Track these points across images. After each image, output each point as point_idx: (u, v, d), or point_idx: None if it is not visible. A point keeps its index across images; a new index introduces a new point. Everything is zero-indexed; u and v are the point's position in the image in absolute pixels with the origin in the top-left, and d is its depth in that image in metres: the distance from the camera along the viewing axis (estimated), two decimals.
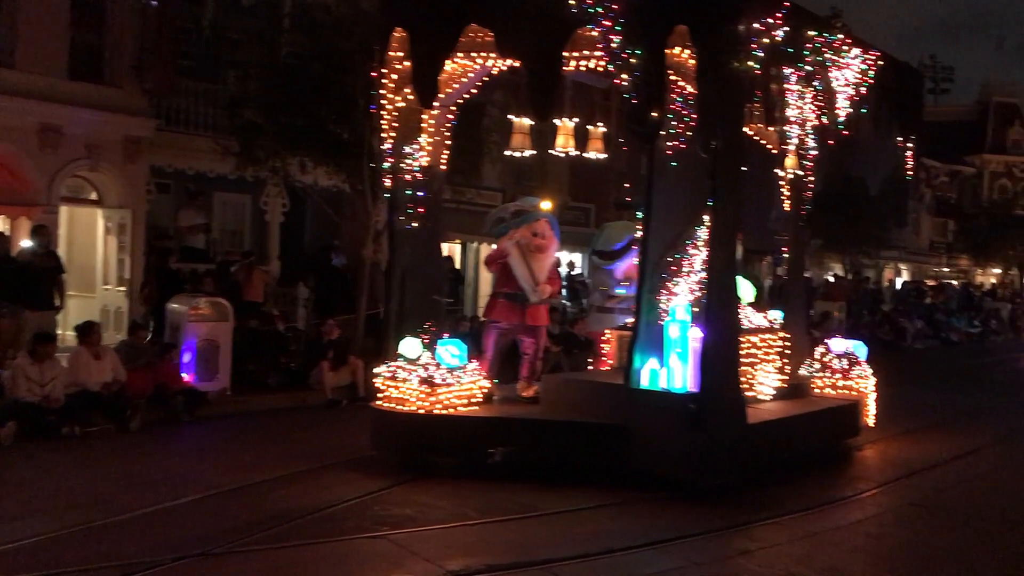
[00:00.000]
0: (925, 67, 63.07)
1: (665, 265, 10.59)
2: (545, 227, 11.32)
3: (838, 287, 36.05)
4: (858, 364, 13.11)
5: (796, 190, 13.02)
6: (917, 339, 33.91)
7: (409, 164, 11.23)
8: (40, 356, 12.11)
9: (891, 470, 11.72)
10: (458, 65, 11.27)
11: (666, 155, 10.40)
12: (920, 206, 53.02)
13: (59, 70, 17.77)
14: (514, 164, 27.36)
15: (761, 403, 11.66)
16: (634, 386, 10.27)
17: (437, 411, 10.38)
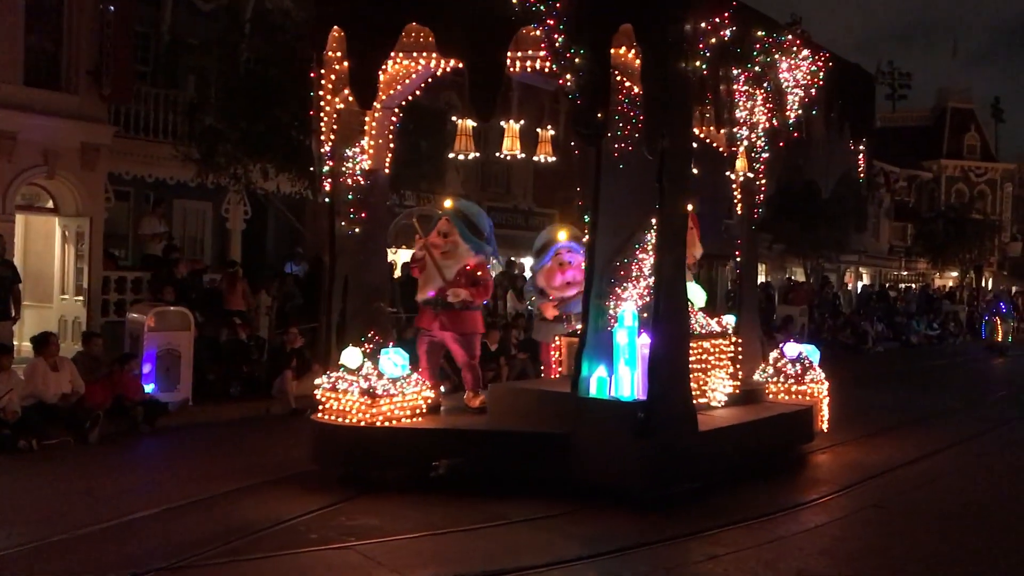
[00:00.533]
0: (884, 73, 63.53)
1: (613, 270, 10.26)
2: (446, 225, 10.90)
3: (800, 291, 36.05)
4: (812, 369, 12.85)
5: (747, 193, 12.77)
6: (878, 342, 33.93)
7: (350, 168, 10.87)
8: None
9: (846, 475, 11.52)
10: (401, 66, 10.94)
11: (613, 157, 10.10)
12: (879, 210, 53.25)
13: (14, 76, 17.28)
14: (479, 171, 27.41)
15: (714, 410, 11.40)
16: (582, 395, 9.96)
17: (379, 423, 10.00)
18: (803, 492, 10.69)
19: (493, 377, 17.22)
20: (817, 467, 12.06)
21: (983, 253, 52.34)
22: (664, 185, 9.75)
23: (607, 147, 10.09)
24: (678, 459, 9.83)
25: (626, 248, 10.33)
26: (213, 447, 12.45)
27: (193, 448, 12.50)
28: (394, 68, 10.97)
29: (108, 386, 13.21)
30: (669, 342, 9.82)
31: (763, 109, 11.53)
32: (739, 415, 11.46)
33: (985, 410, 18.18)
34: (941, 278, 56.24)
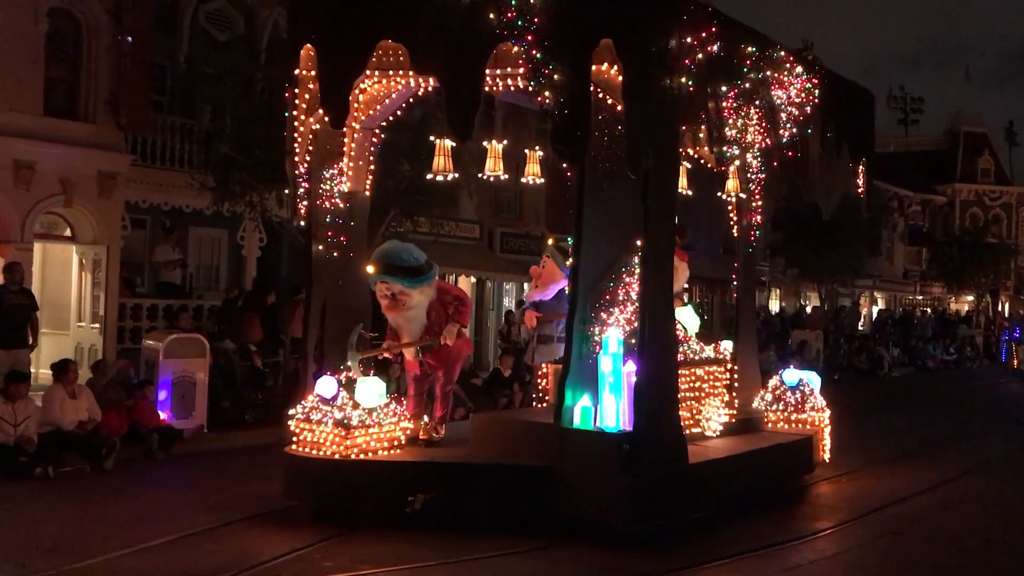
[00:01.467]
0: (895, 98, 63.13)
1: (598, 294, 9.77)
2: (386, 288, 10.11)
3: (815, 316, 35.63)
4: (812, 396, 12.30)
5: (743, 215, 12.28)
6: (894, 367, 33.35)
7: (328, 190, 10.44)
8: (13, 396, 11.86)
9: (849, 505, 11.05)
10: (380, 86, 10.55)
11: (597, 177, 9.66)
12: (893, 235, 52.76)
13: (34, 107, 17.57)
14: (491, 196, 27.20)
15: (708, 439, 10.90)
16: (565, 425, 9.46)
17: (354, 456, 9.52)
18: (809, 522, 10.33)
19: (507, 403, 16.87)
20: (819, 498, 11.54)
21: (999, 277, 51.67)
22: (649, 206, 9.29)
23: (590, 167, 9.64)
24: (667, 492, 9.33)
25: (611, 271, 9.85)
26: (227, 475, 12.29)
27: (207, 475, 12.34)
28: (373, 88, 10.59)
29: (124, 413, 13.26)
30: (656, 370, 9.33)
31: (756, 127, 11.03)
32: (735, 445, 10.95)
33: (1002, 436, 17.59)
34: (957, 302, 55.54)
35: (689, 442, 10.40)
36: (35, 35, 17.49)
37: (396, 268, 10.09)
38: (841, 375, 29.30)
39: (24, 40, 17.29)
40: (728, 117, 10.36)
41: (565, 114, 8.88)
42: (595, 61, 9.39)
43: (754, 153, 11.73)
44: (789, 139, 11.35)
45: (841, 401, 22.64)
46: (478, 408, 16.29)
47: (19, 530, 9.25)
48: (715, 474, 10.10)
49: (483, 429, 10.18)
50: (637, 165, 9.14)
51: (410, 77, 10.13)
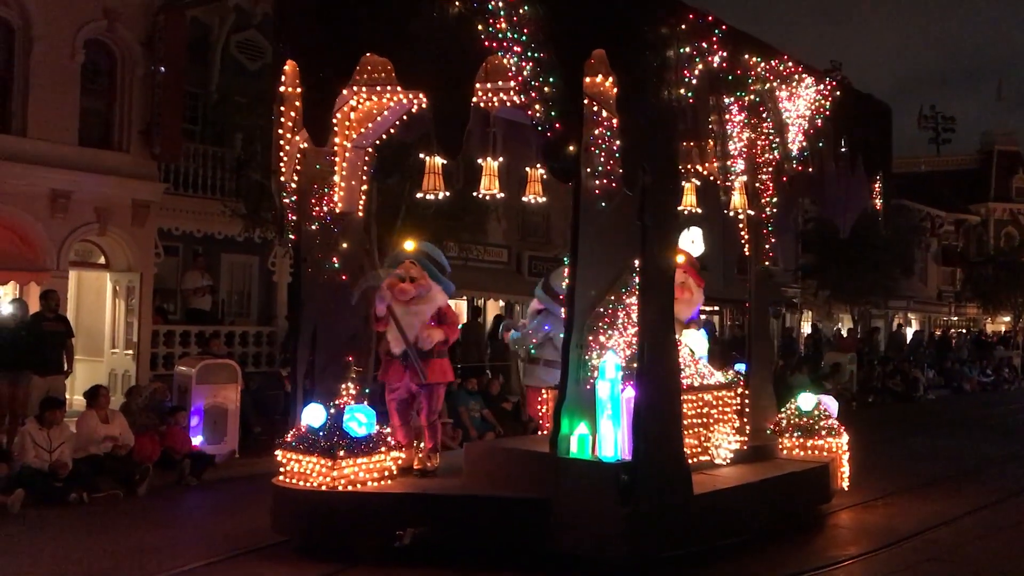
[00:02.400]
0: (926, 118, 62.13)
1: (596, 317, 9.27)
2: (416, 269, 9.89)
3: (848, 338, 34.93)
4: (828, 421, 11.70)
5: (755, 232, 11.73)
6: (929, 389, 32.50)
7: (318, 210, 10.02)
8: (48, 422, 11.96)
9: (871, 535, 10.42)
10: (372, 103, 10.16)
11: (593, 195, 9.19)
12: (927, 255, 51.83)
13: (69, 137, 18.00)
14: (520, 220, 26.93)
15: (718, 468, 10.34)
16: (561, 455, 8.94)
17: (341, 488, 9.05)
18: (829, 551, 9.75)
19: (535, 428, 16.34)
20: (838, 527, 10.90)
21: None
22: (647, 224, 8.79)
23: (586, 183, 9.18)
24: (669, 525, 8.81)
25: (610, 293, 9.34)
26: (257, 500, 11.67)
27: (238, 501, 12.11)
28: (364, 105, 10.21)
29: (157, 439, 13.24)
30: (656, 396, 8.82)
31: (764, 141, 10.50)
32: (745, 474, 10.37)
33: None
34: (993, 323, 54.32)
35: (697, 471, 9.92)
36: (71, 66, 17.95)
37: (428, 256, 10.07)
38: (876, 397, 28.51)
39: (61, 71, 17.77)
40: (732, 130, 9.83)
41: (556, 128, 8.42)
42: (589, 73, 8.96)
43: (764, 168, 11.19)
44: (799, 153, 10.79)
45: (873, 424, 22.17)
46: (508, 432, 15.86)
47: (57, 554, 9.27)
48: (723, 505, 9.55)
49: (477, 459, 9.67)
50: (633, 181, 8.66)
51: (401, 94, 9.73)
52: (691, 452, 10.11)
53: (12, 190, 17.23)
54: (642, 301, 8.88)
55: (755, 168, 11.15)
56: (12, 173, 17.12)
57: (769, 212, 11.70)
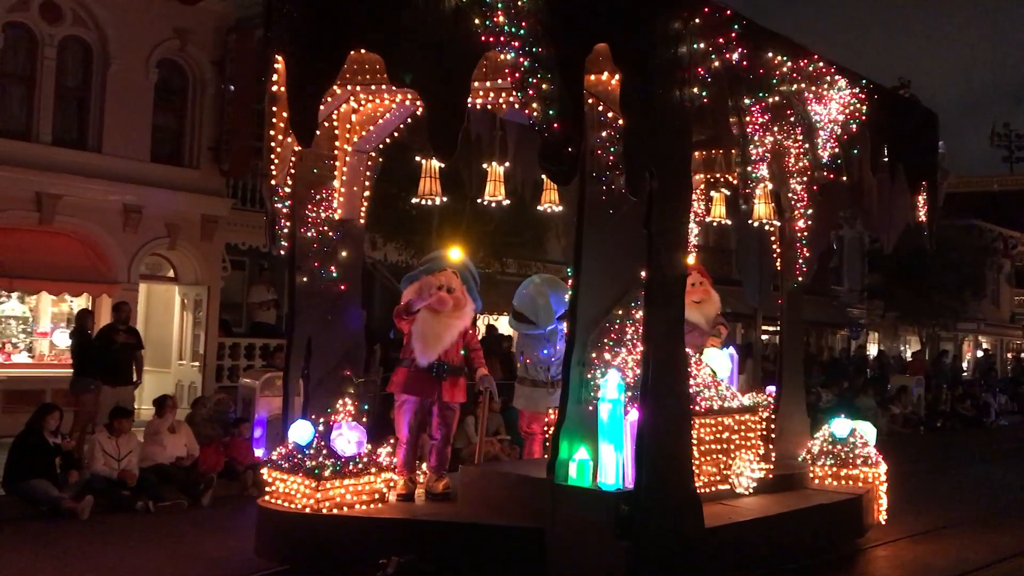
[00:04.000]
0: (999, 135, 60.13)
1: (601, 333, 8.52)
2: (456, 280, 9.26)
3: (916, 361, 33.72)
4: (865, 449, 10.78)
5: (787, 245, 10.86)
6: (1001, 415, 31.03)
7: (315, 216, 9.42)
8: (117, 431, 12.17)
9: None
10: (374, 105, 9.56)
11: (600, 201, 8.46)
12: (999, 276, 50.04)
13: (142, 153, 18.77)
14: None
15: (739, 498, 9.50)
16: (559, 481, 8.19)
17: (325, 510, 8.39)
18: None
19: None
20: (868, 565, 9.96)
21: None
22: (653, 233, 8.02)
23: (592, 190, 8.45)
24: (675, 560, 7.98)
25: (616, 307, 8.60)
26: None
27: None
28: (365, 107, 9.61)
29: (221, 450, 13.36)
30: (662, 419, 8.03)
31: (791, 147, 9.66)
32: (769, 505, 9.51)
33: None
34: None
35: (715, 501, 9.17)
36: (145, 85, 18.74)
37: (470, 273, 9.57)
38: (944, 422, 27.27)
39: (135, 90, 18.56)
40: (753, 134, 9.00)
41: (555, 128, 7.68)
42: (593, 70, 8.26)
43: (795, 177, 10.35)
44: (830, 160, 9.92)
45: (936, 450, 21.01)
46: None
47: (124, 562, 9.29)
48: (740, 539, 8.73)
49: (472, 484, 8.96)
50: (638, 186, 7.91)
51: (408, 95, 9.11)
52: (709, 480, 9.32)
53: (87, 205, 17.92)
54: (647, 315, 8.11)
55: (784, 176, 10.29)
56: (87, 188, 17.82)
57: (803, 224, 10.82)
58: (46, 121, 18.03)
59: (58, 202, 17.87)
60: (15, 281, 17.57)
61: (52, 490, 11.23)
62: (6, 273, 17.19)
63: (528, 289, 10.05)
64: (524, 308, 9.86)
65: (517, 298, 10.12)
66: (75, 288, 18.10)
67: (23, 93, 18.02)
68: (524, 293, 10.07)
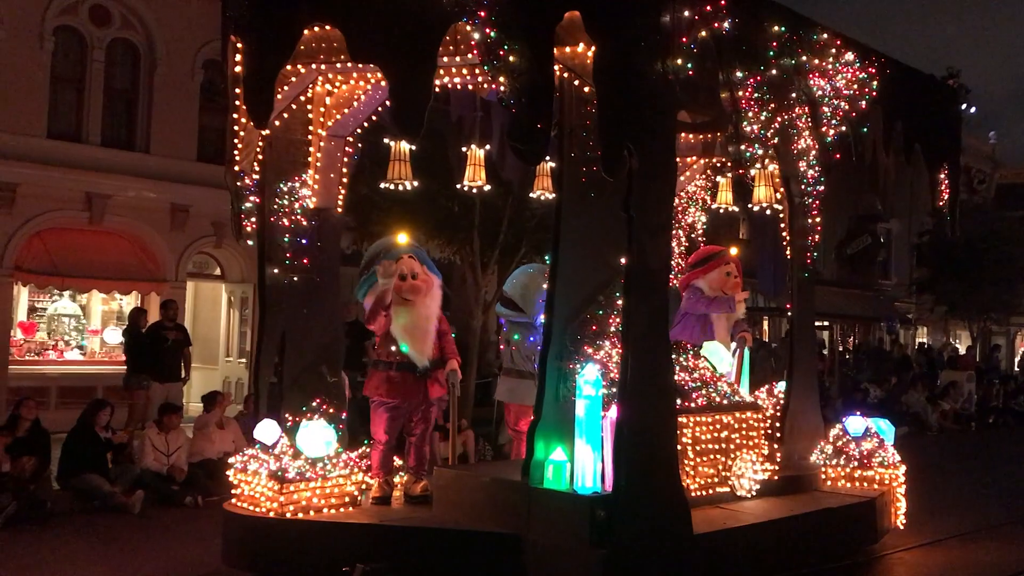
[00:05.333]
0: None
1: (581, 325, 7.86)
2: (416, 265, 8.65)
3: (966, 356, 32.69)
4: (882, 449, 9.98)
5: (796, 232, 10.09)
6: None
7: (287, 205, 8.86)
8: (166, 426, 12.25)
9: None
10: (350, 87, 8.98)
11: (580, 183, 7.81)
12: None
13: (188, 153, 19.16)
14: None
15: (740, 501, 8.80)
16: (534, 484, 7.55)
17: (290, 514, 7.83)
18: None
19: None
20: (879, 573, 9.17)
21: None
22: (634, 216, 7.34)
23: (571, 171, 7.80)
24: (659, 569, 7.30)
25: (599, 297, 7.93)
26: None
27: None
28: (339, 89, 9.02)
29: None
30: (642, 417, 7.38)
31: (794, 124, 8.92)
32: (771, 509, 8.79)
33: None
34: None
35: (714, 504, 8.49)
36: (191, 86, 19.23)
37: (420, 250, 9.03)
38: (996, 418, 26.31)
39: (181, 90, 19.03)
40: (747, 110, 8.27)
41: (523, 104, 7.05)
42: (569, 41, 7.61)
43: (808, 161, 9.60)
44: (835, 138, 9.15)
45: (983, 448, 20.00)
46: None
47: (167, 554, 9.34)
48: (734, 545, 8.02)
49: (447, 487, 8.32)
50: (615, 165, 7.24)
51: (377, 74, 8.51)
52: (705, 483, 8.65)
53: (136, 204, 18.33)
54: (627, 305, 7.45)
55: (792, 158, 9.54)
56: (136, 188, 18.21)
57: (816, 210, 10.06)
58: (95, 123, 18.46)
59: (107, 202, 18.28)
60: (67, 280, 18.17)
61: (104, 485, 11.26)
62: (59, 272, 17.78)
63: (521, 277, 9.41)
64: (514, 295, 9.22)
65: (508, 284, 9.50)
66: (125, 286, 18.64)
67: (73, 96, 18.49)
68: (516, 280, 9.44)
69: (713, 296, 10.40)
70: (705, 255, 10.67)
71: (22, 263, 17.64)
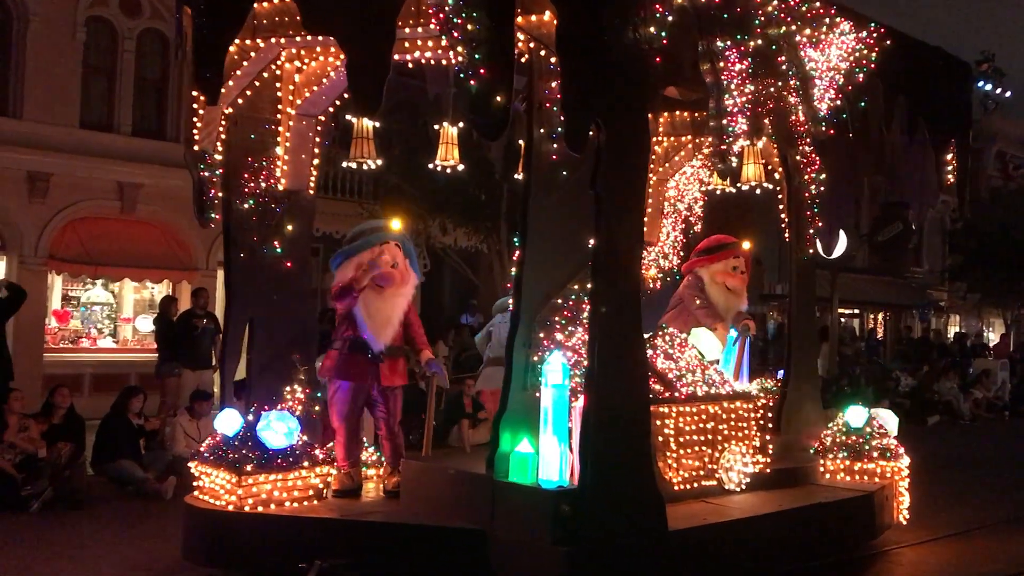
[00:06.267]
0: None
1: (551, 311, 7.40)
2: (399, 253, 8.25)
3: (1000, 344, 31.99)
4: (884, 441, 9.42)
5: (795, 213, 9.56)
6: None
7: (254, 186, 8.46)
8: (198, 413, 12.18)
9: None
10: (319, 63, 8.57)
11: (550, 161, 7.33)
12: None
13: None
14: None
15: (729, 495, 8.31)
16: (499, 477, 7.10)
17: (248, 508, 7.44)
18: None
19: None
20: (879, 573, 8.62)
21: None
22: (601, 194, 6.86)
23: (541, 148, 7.33)
24: (628, 567, 6.83)
25: (573, 282, 7.46)
26: None
27: None
28: (309, 66, 8.61)
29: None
30: (611, 407, 6.90)
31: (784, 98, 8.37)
32: (760, 503, 8.29)
33: None
34: None
35: (699, 498, 8.02)
36: None
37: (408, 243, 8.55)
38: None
39: None
40: (729, 81, 7.73)
41: (481, 75, 6.57)
42: (535, 9, 7.16)
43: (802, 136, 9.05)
44: (829, 114, 8.58)
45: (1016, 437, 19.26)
46: None
47: None
48: (714, 542, 7.53)
49: (415, 479, 7.89)
50: (579, 139, 6.76)
51: None
52: (689, 476, 8.17)
53: (166, 193, 18.09)
54: (594, 288, 6.98)
55: (790, 135, 9.00)
56: (167, 177, 17.78)
57: (814, 190, 9.52)
58: (126, 113, 18.62)
59: (139, 191, 18.44)
60: (100, 268, 18.34)
61: (137, 471, 11.25)
62: (92, 261, 17.90)
63: None
64: None
65: None
66: (156, 275, 18.82)
67: (104, 86, 18.64)
68: None
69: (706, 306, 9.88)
70: (716, 243, 10.16)
71: (56, 252, 17.85)
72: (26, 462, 10.61)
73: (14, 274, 17.11)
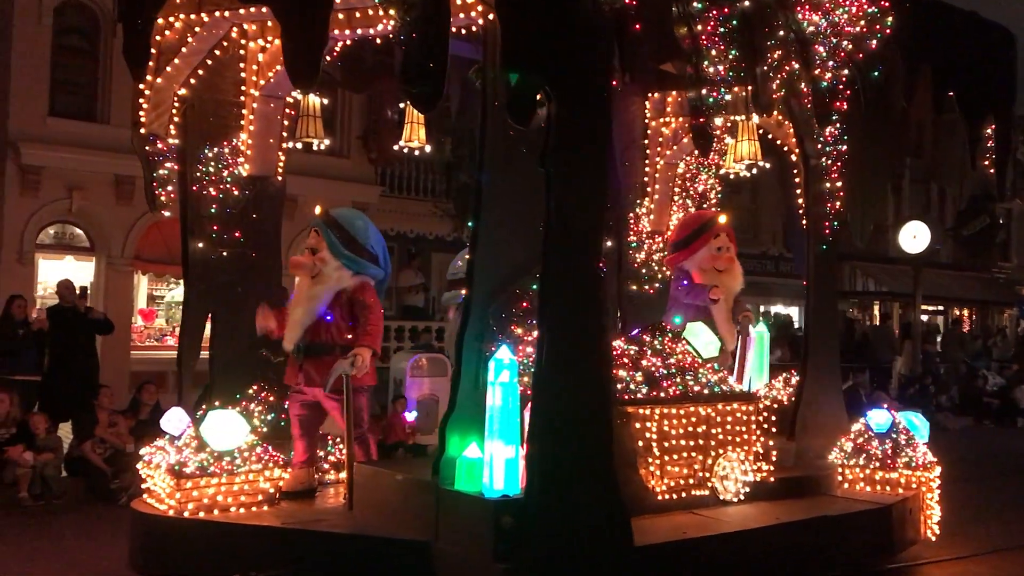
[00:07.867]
0: None
1: (506, 301, 6.65)
2: (315, 238, 7.69)
3: None
4: (911, 447, 8.41)
5: (812, 198, 8.62)
6: None
7: (213, 172, 7.90)
8: None
9: None
10: None
11: (506, 138, 6.57)
12: None
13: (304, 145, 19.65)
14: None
15: (726, 506, 7.46)
16: (444, 485, 6.38)
17: (188, 513, 6.87)
18: None
19: None
20: None
21: None
22: (551, 171, 6.09)
23: (496, 123, 6.58)
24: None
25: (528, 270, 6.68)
26: None
27: None
28: (273, 44, 8.04)
29: (376, 428, 12.43)
30: (562, 410, 6.11)
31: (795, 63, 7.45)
32: (757, 515, 7.43)
33: None
34: None
35: (688, 510, 7.21)
36: None
37: (338, 226, 7.66)
38: None
39: None
40: (708, 46, 6.85)
41: (413, 39, 5.88)
42: None
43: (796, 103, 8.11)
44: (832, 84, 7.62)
45: None
46: None
47: None
48: (694, 559, 6.69)
49: (365, 486, 7.20)
50: (523, 109, 6.01)
51: None
52: (676, 485, 7.35)
53: None
54: (544, 276, 6.20)
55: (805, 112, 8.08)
56: None
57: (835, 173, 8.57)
58: None
59: None
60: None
61: None
62: (175, 261, 18.31)
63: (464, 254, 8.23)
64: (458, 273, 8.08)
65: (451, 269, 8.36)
66: None
67: None
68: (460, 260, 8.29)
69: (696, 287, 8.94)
70: (689, 231, 9.06)
71: (141, 253, 18.15)
72: (115, 457, 10.63)
73: (103, 274, 17.62)
